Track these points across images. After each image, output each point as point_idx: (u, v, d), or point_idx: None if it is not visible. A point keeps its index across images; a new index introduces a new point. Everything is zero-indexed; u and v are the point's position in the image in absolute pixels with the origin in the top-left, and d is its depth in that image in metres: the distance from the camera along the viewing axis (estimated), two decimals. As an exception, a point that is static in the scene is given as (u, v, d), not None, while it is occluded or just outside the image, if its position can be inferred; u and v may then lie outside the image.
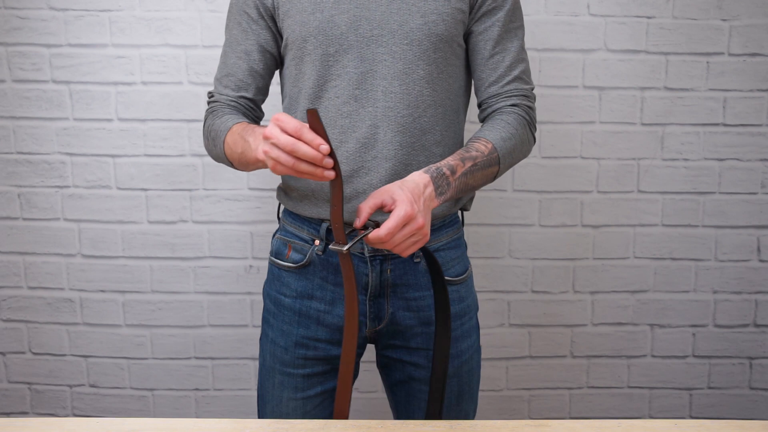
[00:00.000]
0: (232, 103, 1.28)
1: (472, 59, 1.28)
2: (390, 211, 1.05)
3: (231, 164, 1.24)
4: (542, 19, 1.85)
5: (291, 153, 0.98)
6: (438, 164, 1.14)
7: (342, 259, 1.08)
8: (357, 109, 1.20)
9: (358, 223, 1.05)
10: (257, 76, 1.29)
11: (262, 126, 1.14)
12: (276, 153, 0.99)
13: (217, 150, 1.24)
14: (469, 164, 1.16)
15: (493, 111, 1.27)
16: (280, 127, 0.98)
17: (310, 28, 1.20)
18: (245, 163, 1.18)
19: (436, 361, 1.21)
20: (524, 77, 1.28)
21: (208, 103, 1.32)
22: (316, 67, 1.21)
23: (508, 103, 1.26)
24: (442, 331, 1.19)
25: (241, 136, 1.16)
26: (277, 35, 1.28)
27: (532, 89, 1.29)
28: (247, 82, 1.28)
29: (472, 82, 1.33)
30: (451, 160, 1.15)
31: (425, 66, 1.20)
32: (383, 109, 1.20)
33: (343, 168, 1.20)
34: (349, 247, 1.04)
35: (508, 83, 1.26)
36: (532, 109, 1.28)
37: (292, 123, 0.97)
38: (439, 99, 1.23)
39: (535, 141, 1.31)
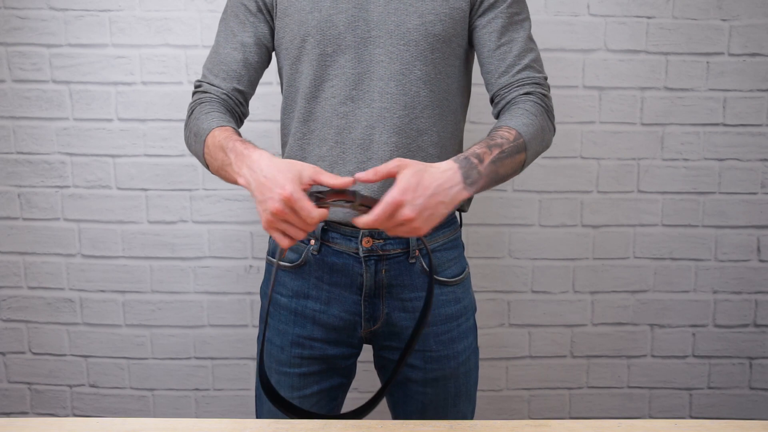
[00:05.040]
0: (223, 96, 1.23)
1: (479, 54, 1.25)
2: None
3: (207, 167, 1.18)
4: (542, 19, 1.85)
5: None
6: (464, 153, 1.07)
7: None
8: (353, 109, 1.20)
9: (362, 175, 1.01)
10: (251, 68, 1.26)
11: (246, 142, 1.08)
12: (285, 227, 1.00)
13: (197, 147, 1.18)
14: (496, 152, 1.09)
15: (507, 103, 1.21)
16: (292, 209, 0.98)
17: (308, 28, 1.20)
18: (223, 177, 1.14)
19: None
20: (535, 66, 1.23)
21: (195, 93, 1.26)
22: (313, 66, 1.21)
23: (522, 92, 1.20)
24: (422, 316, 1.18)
25: (222, 148, 1.09)
26: (272, 32, 1.27)
27: (546, 78, 1.24)
28: (240, 73, 1.24)
29: (483, 78, 1.27)
30: (476, 149, 1.08)
31: (422, 67, 1.20)
32: (379, 110, 1.19)
33: (340, 169, 1.21)
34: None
35: (518, 72, 1.21)
36: (547, 97, 1.22)
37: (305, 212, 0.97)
38: (437, 100, 1.22)
39: (554, 130, 1.25)
